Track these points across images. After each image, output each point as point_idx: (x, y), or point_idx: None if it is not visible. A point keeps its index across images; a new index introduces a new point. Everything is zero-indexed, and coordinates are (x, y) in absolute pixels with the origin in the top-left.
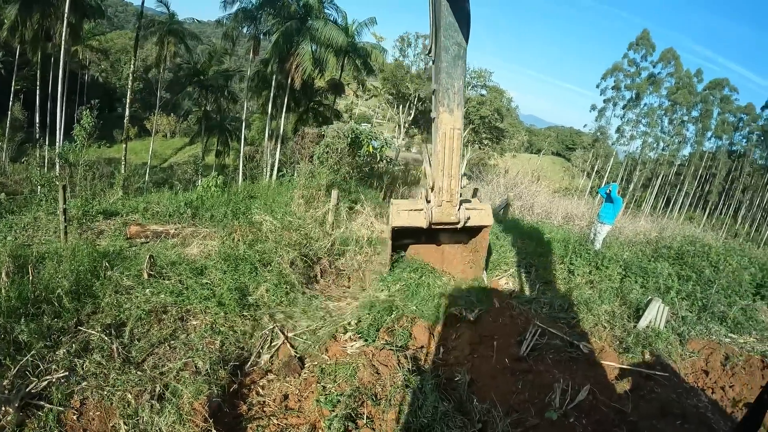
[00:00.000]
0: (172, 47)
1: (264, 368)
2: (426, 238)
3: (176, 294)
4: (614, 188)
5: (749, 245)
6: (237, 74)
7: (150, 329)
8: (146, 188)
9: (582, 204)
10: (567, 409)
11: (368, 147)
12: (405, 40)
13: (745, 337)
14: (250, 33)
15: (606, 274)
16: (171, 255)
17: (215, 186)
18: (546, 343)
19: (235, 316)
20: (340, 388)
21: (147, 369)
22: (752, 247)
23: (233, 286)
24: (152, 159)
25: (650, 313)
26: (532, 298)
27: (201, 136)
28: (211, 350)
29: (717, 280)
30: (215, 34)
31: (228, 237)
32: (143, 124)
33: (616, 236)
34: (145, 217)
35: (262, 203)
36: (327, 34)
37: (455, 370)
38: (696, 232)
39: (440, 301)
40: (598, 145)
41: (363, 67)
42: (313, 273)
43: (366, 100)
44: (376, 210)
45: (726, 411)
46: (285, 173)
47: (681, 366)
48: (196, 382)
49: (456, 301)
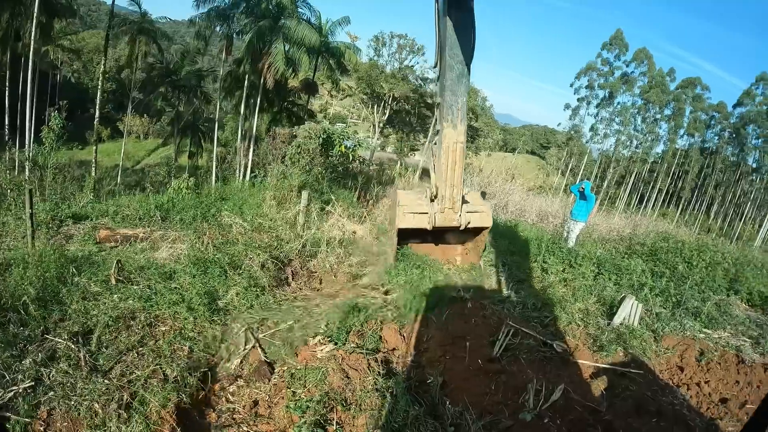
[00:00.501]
0: (144, 47)
1: (234, 374)
2: (429, 236)
3: (145, 299)
4: (587, 186)
5: (722, 240)
6: (210, 74)
7: (118, 336)
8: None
9: (557, 202)
10: (541, 409)
11: (340, 147)
12: (380, 40)
13: (720, 332)
14: (223, 32)
15: (579, 272)
16: (140, 259)
17: (186, 188)
18: (519, 343)
19: (204, 321)
20: (310, 394)
21: (114, 377)
22: (725, 242)
23: (202, 290)
24: (125, 161)
25: (624, 310)
26: (505, 298)
27: (174, 137)
28: (179, 357)
29: (690, 275)
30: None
31: (198, 240)
32: (116, 126)
33: (589, 233)
34: (115, 220)
35: (232, 205)
36: (300, 33)
37: (427, 373)
38: (669, 229)
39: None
40: (572, 143)
41: (337, 66)
42: (284, 275)
43: (341, 99)
44: (349, 211)
45: (702, 407)
46: (257, 174)
47: (656, 363)
48: (165, 389)
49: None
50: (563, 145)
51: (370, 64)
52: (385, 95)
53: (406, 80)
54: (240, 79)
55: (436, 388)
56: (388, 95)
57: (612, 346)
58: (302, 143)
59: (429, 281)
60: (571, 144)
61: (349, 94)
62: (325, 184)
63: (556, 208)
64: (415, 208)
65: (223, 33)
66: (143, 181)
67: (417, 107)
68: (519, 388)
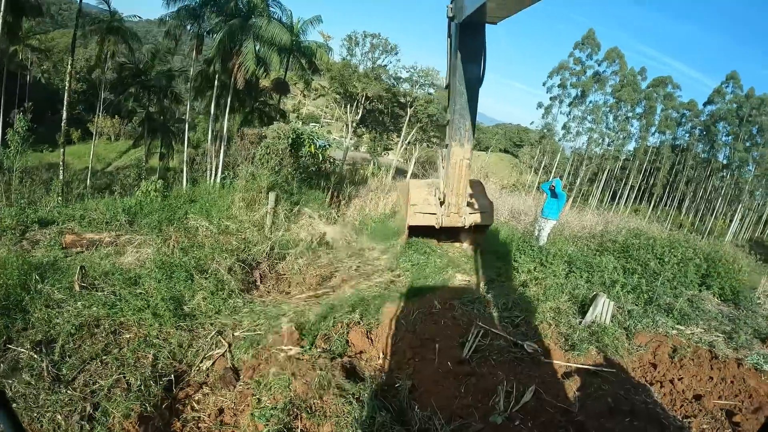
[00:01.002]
0: (113, 46)
1: (199, 381)
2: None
3: (109, 306)
4: (558, 184)
5: (693, 236)
6: (182, 74)
7: (82, 345)
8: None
9: (529, 199)
10: (512, 412)
11: (310, 147)
12: (353, 39)
13: (692, 328)
14: (194, 31)
15: (551, 270)
16: (105, 265)
17: (155, 191)
18: (489, 344)
19: (170, 328)
20: (275, 401)
21: (78, 387)
22: (696, 237)
23: (168, 295)
24: (96, 163)
25: (596, 308)
26: (475, 298)
27: (144, 139)
28: (143, 365)
29: (662, 272)
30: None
31: (164, 244)
32: (87, 127)
33: (560, 231)
34: (82, 225)
35: (199, 208)
36: (270, 32)
37: (396, 376)
38: (641, 225)
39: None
40: (545, 141)
41: (308, 66)
42: (252, 278)
43: (314, 99)
44: (320, 211)
45: (676, 405)
46: (227, 176)
47: (628, 361)
48: (128, 399)
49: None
50: (536, 144)
51: (343, 64)
52: (358, 95)
53: (379, 80)
54: (210, 79)
55: (404, 393)
56: (361, 95)
57: (584, 345)
58: (271, 144)
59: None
60: (544, 142)
61: (322, 93)
62: (294, 184)
63: (528, 205)
64: (424, 208)
65: (194, 32)
66: (113, 183)
67: (390, 107)
68: (489, 390)
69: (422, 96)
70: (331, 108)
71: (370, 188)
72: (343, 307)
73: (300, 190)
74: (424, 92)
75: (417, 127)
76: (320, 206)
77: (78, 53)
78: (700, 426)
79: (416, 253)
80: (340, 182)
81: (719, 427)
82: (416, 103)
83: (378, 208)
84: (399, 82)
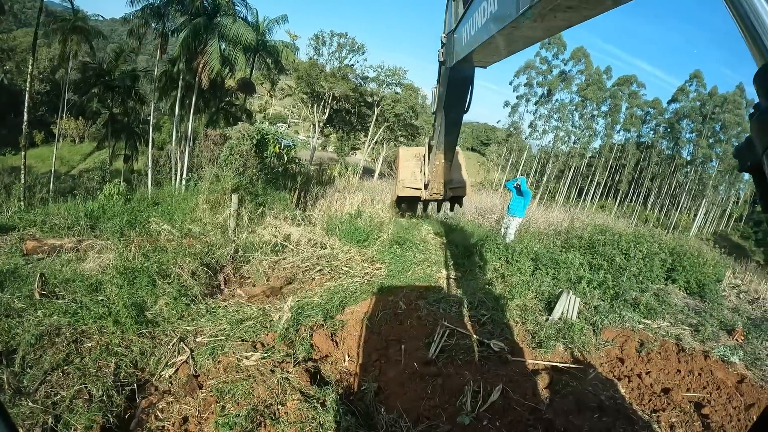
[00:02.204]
0: (76, 46)
1: (162, 390)
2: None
3: (70, 314)
4: (523, 181)
5: (659, 231)
6: (146, 74)
7: (43, 355)
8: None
9: (496, 197)
10: (480, 412)
11: (275, 148)
12: (320, 39)
13: (659, 321)
14: (158, 30)
15: (517, 268)
16: (66, 271)
17: (117, 194)
18: (456, 344)
19: (132, 335)
20: (239, 407)
21: (39, 399)
22: (662, 232)
23: (130, 301)
24: (59, 166)
25: (561, 305)
26: (441, 297)
27: (108, 141)
28: (105, 374)
29: (628, 267)
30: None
31: (125, 249)
32: (51, 129)
33: (527, 228)
34: (44, 230)
35: (162, 210)
36: (236, 31)
37: (361, 379)
38: (608, 221)
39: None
40: (512, 139)
41: (274, 65)
42: (216, 282)
43: (280, 99)
44: (285, 213)
45: (644, 399)
46: (191, 178)
47: (596, 356)
48: (90, 410)
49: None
50: (503, 142)
51: (310, 63)
52: (325, 94)
53: (345, 79)
54: (175, 79)
55: (370, 396)
56: (328, 94)
57: (551, 342)
58: (235, 144)
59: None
60: (511, 140)
61: (289, 93)
62: (259, 186)
63: (494, 202)
64: (411, 183)
65: (158, 31)
66: (77, 187)
67: (357, 106)
68: (456, 390)
69: (389, 95)
70: (298, 108)
71: (337, 188)
72: (307, 309)
73: (265, 192)
74: (391, 91)
75: (384, 127)
76: (286, 207)
77: (42, 53)
78: (668, 419)
79: (385, 252)
80: (306, 183)
81: (688, 419)
82: (383, 103)
83: (345, 208)
84: (366, 82)
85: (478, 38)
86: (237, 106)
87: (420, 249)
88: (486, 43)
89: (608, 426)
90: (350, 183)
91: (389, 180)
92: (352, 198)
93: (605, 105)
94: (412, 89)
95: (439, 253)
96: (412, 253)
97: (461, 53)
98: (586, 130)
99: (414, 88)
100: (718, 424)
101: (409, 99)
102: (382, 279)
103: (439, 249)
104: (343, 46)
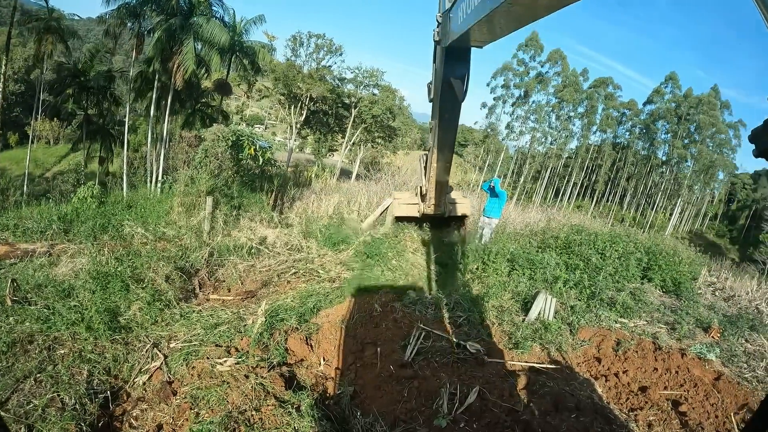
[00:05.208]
0: (51, 45)
1: (136, 396)
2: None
3: (42, 321)
4: (497, 183)
5: (635, 230)
6: (122, 75)
7: (15, 363)
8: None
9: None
10: (457, 414)
11: (250, 149)
12: (297, 40)
13: (636, 320)
14: (134, 30)
15: (493, 269)
16: (38, 277)
17: (91, 197)
18: (432, 346)
19: (105, 341)
20: (214, 414)
21: (11, 408)
22: (638, 231)
23: (103, 307)
24: (34, 168)
25: (538, 305)
26: (417, 299)
27: (83, 142)
28: (78, 381)
29: (604, 266)
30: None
31: (98, 253)
32: (25, 130)
33: (503, 229)
34: (16, 235)
35: (136, 214)
36: (211, 31)
37: (337, 383)
38: (584, 220)
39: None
40: (489, 141)
41: (251, 66)
42: (191, 286)
43: (258, 100)
44: (261, 215)
45: (621, 398)
46: (165, 180)
47: (573, 356)
48: (63, 419)
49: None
50: (480, 143)
51: (287, 64)
52: (302, 96)
53: (323, 80)
54: (150, 80)
55: (346, 400)
56: (306, 96)
57: (528, 343)
58: (210, 146)
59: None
60: (488, 142)
61: (267, 95)
62: (235, 188)
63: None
64: (408, 200)
65: (134, 31)
66: (52, 190)
67: (335, 108)
68: (433, 393)
69: (367, 97)
70: (275, 109)
71: (314, 190)
72: (281, 313)
73: (241, 194)
74: (369, 93)
75: (361, 128)
76: (262, 209)
77: (16, 53)
78: (646, 418)
79: (362, 256)
80: (283, 185)
81: (666, 417)
82: (360, 104)
83: (321, 210)
84: (343, 83)
85: (475, 16)
86: (213, 108)
87: (396, 250)
88: (483, 21)
89: (586, 426)
90: (327, 185)
91: (365, 181)
92: (328, 200)
93: (582, 106)
94: (389, 91)
95: (416, 255)
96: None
97: (457, 32)
98: (562, 131)
99: (391, 89)
100: (695, 422)
101: (386, 100)
102: (356, 281)
103: (416, 252)
104: (320, 47)
